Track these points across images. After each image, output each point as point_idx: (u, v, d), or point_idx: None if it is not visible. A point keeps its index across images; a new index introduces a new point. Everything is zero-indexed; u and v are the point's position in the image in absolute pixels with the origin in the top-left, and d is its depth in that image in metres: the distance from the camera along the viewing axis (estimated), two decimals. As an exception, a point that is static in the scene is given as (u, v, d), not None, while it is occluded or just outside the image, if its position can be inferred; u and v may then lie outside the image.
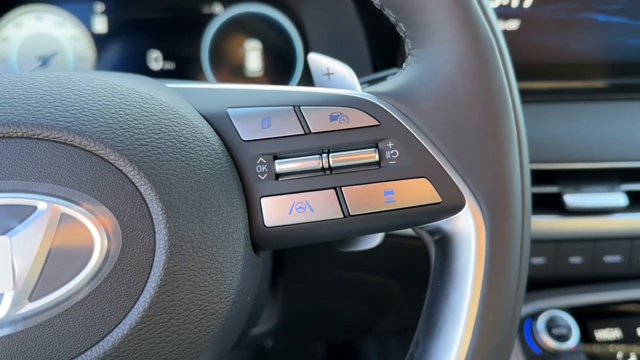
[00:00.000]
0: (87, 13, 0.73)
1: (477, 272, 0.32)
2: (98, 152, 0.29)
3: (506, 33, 0.62)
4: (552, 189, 0.64)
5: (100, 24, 0.73)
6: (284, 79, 0.76)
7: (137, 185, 0.29)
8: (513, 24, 0.62)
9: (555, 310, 0.66)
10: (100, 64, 0.74)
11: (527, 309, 0.66)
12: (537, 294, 0.67)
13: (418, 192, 0.33)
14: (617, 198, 0.63)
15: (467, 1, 0.32)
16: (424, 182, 0.33)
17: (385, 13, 0.35)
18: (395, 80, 0.35)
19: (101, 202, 0.29)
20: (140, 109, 0.31)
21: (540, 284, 0.66)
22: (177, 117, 0.32)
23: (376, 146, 0.33)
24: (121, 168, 0.29)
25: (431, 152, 0.33)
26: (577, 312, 0.67)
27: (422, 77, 0.33)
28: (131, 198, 0.29)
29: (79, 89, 0.31)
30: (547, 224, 0.64)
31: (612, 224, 0.64)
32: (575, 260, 0.64)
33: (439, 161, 0.33)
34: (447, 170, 0.33)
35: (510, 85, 0.33)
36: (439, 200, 0.33)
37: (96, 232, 0.29)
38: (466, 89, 0.32)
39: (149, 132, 0.30)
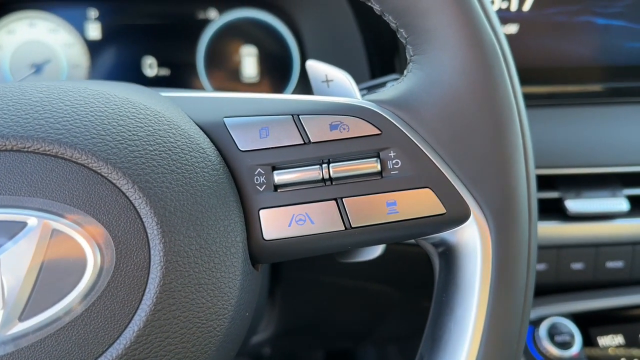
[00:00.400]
0: (81, 19, 0.72)
1: (484, 285, 0.31)
2: (90, 165, 0.28)
3: (505, 37, 0.61)
4: (553, 195, 0.63)
5: (94, 31, 0.72)
6: (281, 85, 0.75)
7: (131, 199, 0.28)
8: (512, 28, 0.61)
9: (557, 317, 0.65)
10: (94, 71, 0.73)
11: (528, 316, 0.65)
12: (539, 300, 0.66)
13: (421, 203, 0.32)
14: (619, 203, 0.63)
15: (470, 6, 0.31)
16: (427, 192, 0.32)
17: (385, 19, 0.34)
18: (396, 87, 0.34)
19: (93, 217, 0.28)
20: (134, 119, 0.30)
21: (541, 290, 0.65)
22: (172, 128, 0.31)
23: (378, 156, 0.32)
24: (114, 181, 0.28)
25: (434, 161, 0.32)
26: (580, 319, 0.66)
27: (424, 84, 0.33)
28: (125, 212, 0.28)
29: (70, 100, 0.30)
30: (548, 229, 0.63)
31: (614, 229, 0.64)
32: (577, 266, 0.64)
33: (443, 171, 0.32)
34: (451, 180, 0.32)
35: (515, 91, 0.32)
36: (443, 211, 0.32)
37: (89, 248, 0.28)
38: (470, 96, 0.31)
39: (143, 143, 0.29)
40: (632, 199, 0.63)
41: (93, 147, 0.28)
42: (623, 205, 0.62)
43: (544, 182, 0.63)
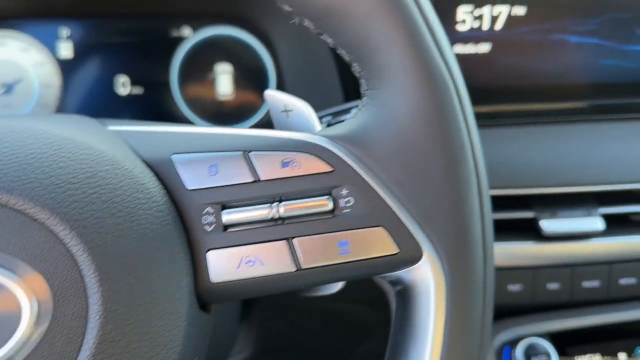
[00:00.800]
0: (52, 38, 0.71)
1: (437, 327, 0.31)
2: (27, 210, 0.27)
3: (478, 56, 0.61)
4: (528, 214, 0.63)
5: (66, 50, 0.71)
6: (256, 102, 0.74)
7: (68, 246, 0.27)
8: (484, 47, 0.60)
9: (534, 338, 0.64)
10: (67, 91, 0.72)
11: (505, 336, 0.65)
12: (515, 320, 0.66)
13: (374, 242, 0.31)
14: (595, 222, 0.62)
15: (422, 42, 0.31)
16: (380, 231, 0.31)
17: (339, 52, 0.34)
18: (350, 122, 0.33)
19: (30, 265, 0.27)
20: (75, 161, 0.29)
21: (517, 310, 0.65)
22: (115, 168, 0.30)
23: (330, 194, 0.32)
24: (52, 228, 0.27)
25: (388, 199, 0.31)
26: (557, 338, 0.65)
27: (377, 120, 0.32)
28: (62, 260, 0.27)
29: (10, 141, 0.29)
30: (523, 250, 0.62)
31: (590, 249, 0.63)
32: (553, 286, 0.63)
33: (396, 209, 0.31)
34: (404, 219, 0.31)
35: (468, 128, 0.32)
36: (396, 250, 0.31)
37: (24, 298, 0.27)
38: (422, 134, 0.31)
39: (84, 186, 0.28)
40: (608, 218, 0.63)
41: (30, 192, 0.27)
42: (598, 224, 0.62)
43: (519, 202, 0.63)
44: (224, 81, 0.74)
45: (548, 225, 0.62)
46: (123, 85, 0.73)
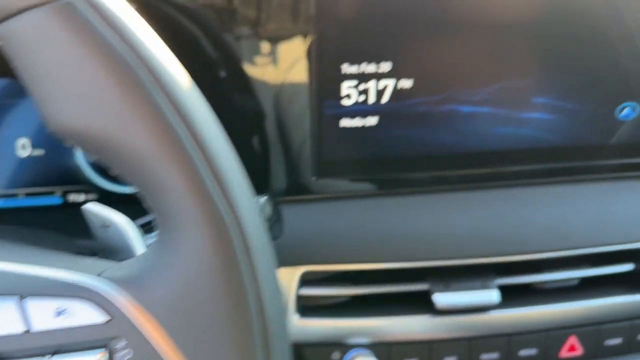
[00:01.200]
0: (-51, 101, 0.70)
1: None
2: None
3: (365, 129, 0.59)
4: (423, 287, 0.61)
5: (-37, 112, 0.70)
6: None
7: None
8: (372, 120, 0.59)
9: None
10: (-35, 153, 0.70)
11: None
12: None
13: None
14: (490, 295, 0.61)
15: (203, 190, 0.29)
16: None
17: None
18: (137, 262, 0.32)
19: None
20: None
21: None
22: None
23: (106, 346, 0.30)
24: None
25: (168, 352, 0.30)
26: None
27: (162, 264, 0.30)
28: None
29: None
30: (419, 323, 0.61)
31: (487, 321, 0.61)
32: (451, 360, 0.61)
33: None
34: None
35: (255, 278, 0.30)
36: None
37: None
38: (203, 286, 0.29)
39: None
40: (505, 289, 0.61)
41: None
42: (494, 297, 0.60)
43: (414, 274, 0.61)
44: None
45: (441, 298, 0.60)
46: (23, 147, 0.71)
